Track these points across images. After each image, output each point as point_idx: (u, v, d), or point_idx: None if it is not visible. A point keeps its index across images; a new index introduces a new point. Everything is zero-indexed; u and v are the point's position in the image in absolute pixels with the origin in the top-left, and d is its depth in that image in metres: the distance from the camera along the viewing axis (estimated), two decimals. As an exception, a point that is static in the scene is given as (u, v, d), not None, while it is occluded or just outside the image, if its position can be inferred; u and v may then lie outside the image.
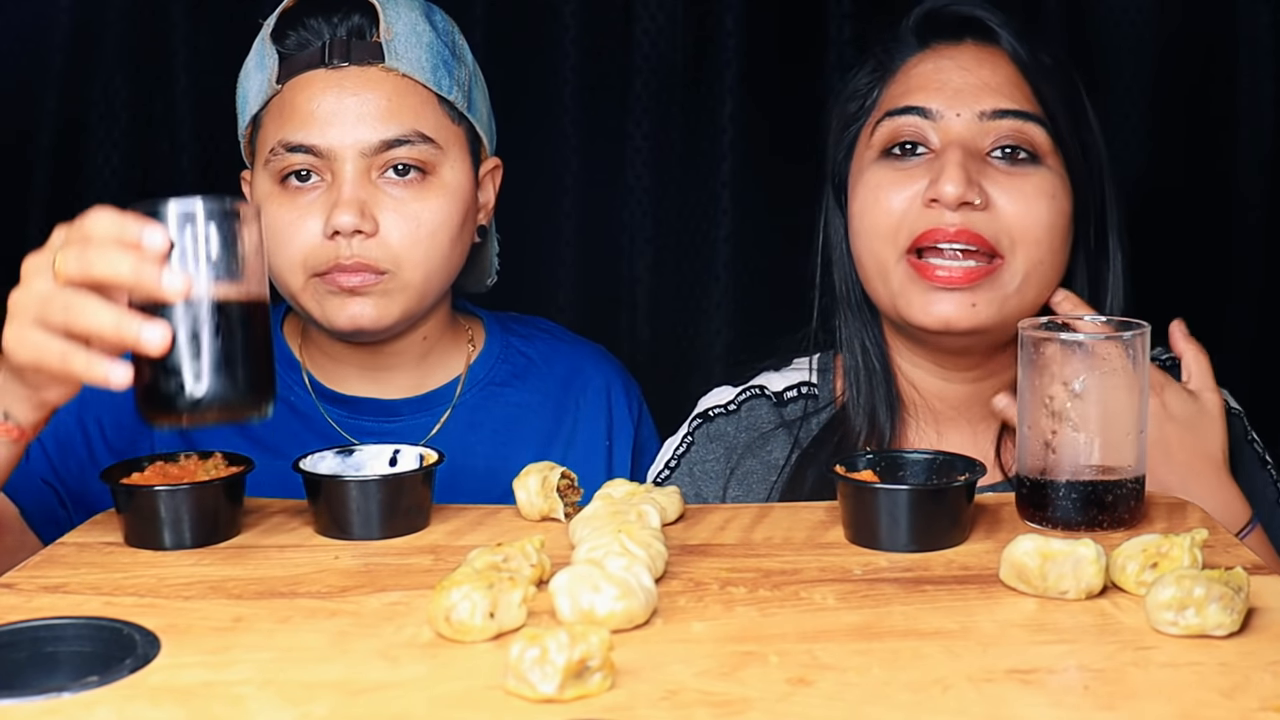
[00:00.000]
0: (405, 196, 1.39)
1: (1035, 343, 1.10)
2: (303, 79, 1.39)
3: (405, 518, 1.13)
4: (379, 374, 1.50)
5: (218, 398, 1.02)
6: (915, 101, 1.31)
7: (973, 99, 1.30)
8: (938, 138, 1.30)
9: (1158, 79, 1.87)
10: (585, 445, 1.52)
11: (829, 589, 0.98)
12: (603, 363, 1.59)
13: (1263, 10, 1.84)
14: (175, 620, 0.94)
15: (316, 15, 1.40)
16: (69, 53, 1.90)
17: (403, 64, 1.39)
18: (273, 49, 1.41)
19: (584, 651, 0.80)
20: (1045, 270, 1.30)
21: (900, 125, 1.32)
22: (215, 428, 1.13)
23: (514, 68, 1.89)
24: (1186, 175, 1.89)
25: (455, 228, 1.42)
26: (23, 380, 1.14)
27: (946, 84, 1.31)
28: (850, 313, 1.39)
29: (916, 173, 1.30)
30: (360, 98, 1.38)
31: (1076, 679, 0.84)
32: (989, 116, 1.29)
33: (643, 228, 1.93)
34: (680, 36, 1.90)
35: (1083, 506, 1.09)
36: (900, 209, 1.29)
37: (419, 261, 1.39)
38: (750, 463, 1.41)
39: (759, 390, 1.45)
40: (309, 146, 1.38)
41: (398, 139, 1.38)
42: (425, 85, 1.40)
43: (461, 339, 1.55)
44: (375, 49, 1.39)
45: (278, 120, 1.40)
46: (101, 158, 1.93)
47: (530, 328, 1.60)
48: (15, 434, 1.16)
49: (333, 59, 1.38)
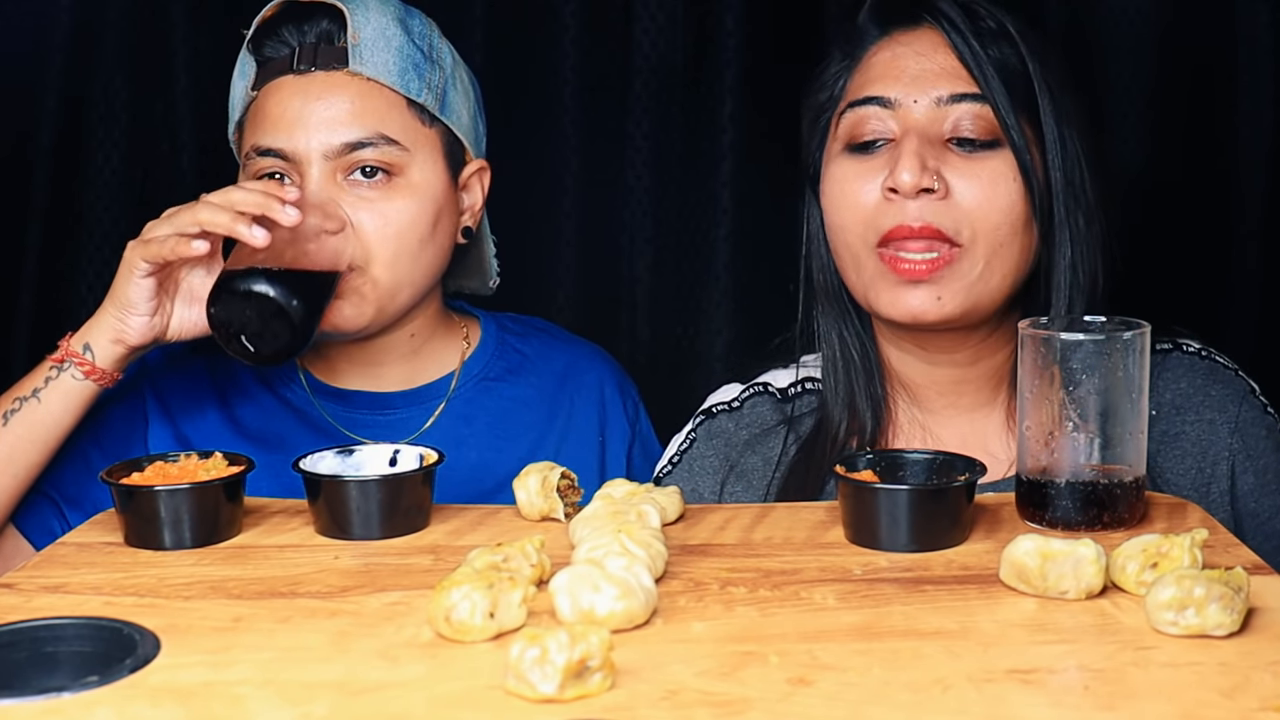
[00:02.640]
0: (373, 196, 1.41)
1: (1035, 342, 1.10)
2: (273, 85, 1.43)
3: (405, 518, 1.13)
4: (371, 368, 1.51)
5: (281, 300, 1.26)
6: (874, 91, 1.31)
7: (929, 85, 1.29)
8: (897, 126, 1.30)
9: (1158, 78, 1.87)
10: (578, 441, 1.52)
11: (829, 589, 0.98)
12: (598, 361, 1.59)
13: (1263, 10, 1.84)
14: (175, 620, 0.94)
15: (290, 23, 1.44)
16: (69, 53, 1.90)
17: (368, 68, 1.41)
18: (250, 57, 1.45)
19: (584, 651, 0.80)
20: (1009, 254, 1.29)
21: (861, 116, 1.31)
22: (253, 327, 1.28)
23: (514, 68, 1.89)
24: (1186, 174, 1.89)
25: (425, 228, 1.43)
26: (117, 303, 1.35)
27: (904, 71, 1.31)
28: (828, 303, 1.39)
29: (878, 164, 1.30)
30: (325, 101, 1.40)
31: (1076, 679, 0.84)
32: (945, 101, 1.29)
33: (643, 228, 1.93)
34: (680, 36, 1.90)
35: (1083, 506, 1.09)
36: (866, 202, 1.29)
37: (388, 260, 1.41)
38: (751, 459, 1.41)
39: (763, 387, 1.45)
40: (276, 150, 1.41)
41: (361, 141, 1.40)
42: (392, 88, 1.42)
43: (456, 335, 1.56)
44: (340, 53, 1.42)
45: (252, 126, 1.44)
46: (101, 158, 1.93)
47: (527, 326, 1.61)
48: (90, 369, 1.36)
49: (300, 65, 1.42)
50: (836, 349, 1.39)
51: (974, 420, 1.38)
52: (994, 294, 1.29)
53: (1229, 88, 1.86)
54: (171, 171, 1.93)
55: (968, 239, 1.27)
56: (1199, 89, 1.88)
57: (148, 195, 1.94)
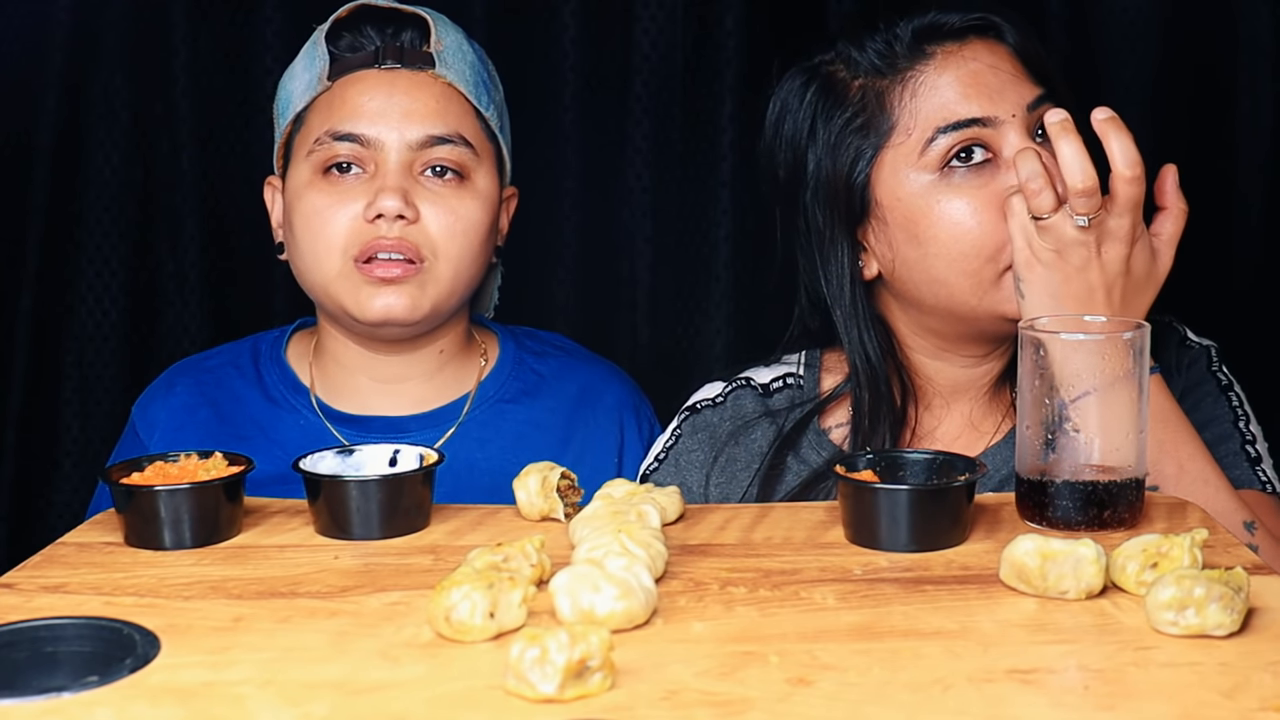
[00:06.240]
0: (444, 193, 1.45)
1: (1035, 342, 1.10)
2: (354, 76, 1.46)
3: (405, 518, 1.13)
4: (390, 386, 1.52)
5: None
6: (969, 114, 1.32)
7: (1013, 95, 1.32)
8: (1000, 141, 1.32)
9: (1158, 79, 1.87)
10: (594, 463, 1.52)
11: (829, 589, 0.98)
12: (615, 382, 1.60)
13: (1263, 10, 1.84)
14: (175, 620, 0.94)
15: (371, 24, 1.48)
16: (69, 53, 1.90)
17: (450, 73, 1.47)
18: (325, 50, 1.48)
19: (584, 651, 0.80)
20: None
21: (959, 137, 1.32)
22: None
23: (514, 68, 1.89)
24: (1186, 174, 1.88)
25: (485, 231, 1.48)
26: None
27: (986, 85, 1.32)
28: (851, 313, 1.40)
29: (987, 178, 1.32)
30: (410, 96, 1.45)
31: (1076, 679, 0.84)
32: (1031, 106, 1.32)
33: (643, 228, 1.93)
34: (680, 36, 1.90)
35: (1083, 506, 1.09)
36: (993, 219, 1.30)
37: (454, 255, 1.45)
38: (734, 450, 1.43)
39: (745, 381, 1.48)
40: (356, 135, 1.44)
41: (442, 137, 1.45)
42: (467, 97, 1.48)
43: (475, 354, 1.57)
44: (427, 56, 1.47)
45: (325, 113, 1.46)
46: (101, 158, 1.93)
47: (545, 345, 1.61)
48: None
49: (386, 60, 1.46)
50: (862, 354, 1.39)
51: (972, 409, 1.42)
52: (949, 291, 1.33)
53: (1229, 88, 1.86)
54: (171, 171, 1.93)
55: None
56: (1199, 90, 1.88)
57: (147, 195, 1.94)
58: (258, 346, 1.59)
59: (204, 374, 1.57)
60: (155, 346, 1.96)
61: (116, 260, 1.94)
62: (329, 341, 1.53)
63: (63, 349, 1.95)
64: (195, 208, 1.92)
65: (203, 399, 1.54)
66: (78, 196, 1.93)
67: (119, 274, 1.94)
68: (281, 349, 1.57)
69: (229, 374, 1.56)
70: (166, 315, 1.96)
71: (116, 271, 1.94)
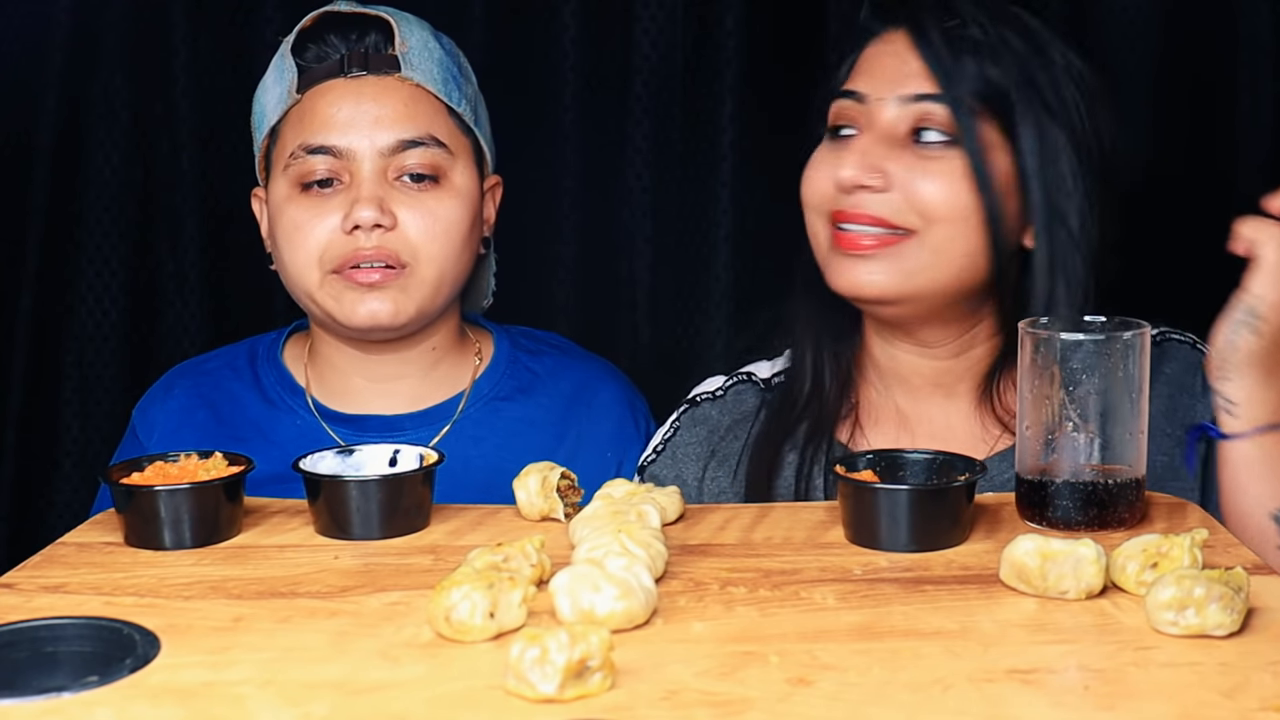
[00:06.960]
0: (421, 196, 1.45)
1: (1035, 342, 1.10)
2: (322, 87, 1.46)
3: (405, 518, 1.13)
4: (385, 385, 1.52)
5: None
6: (851, 86, 1.35)
7: (899, 84, 1.32)
8: (864, 120, 1.33)
9: (1158, 78, 1.87)
10: (588, 461, 1.51)
11: (829, 589, 0.98)
12: (610, 379, 1.59)
13: (1263, 8, 1.83)
14: (175, 620, 0.94)
15: (335, 31, 1.47)
16: (69, 53, 1.90)
17: (417, 74, 1.46)
18: (292, 62, 1.47)
19: (584, 651, 0.80)
20: (955, 247, 1.30)
21: (838, 108, 1.35)
22: None
23: (514, 68, 1.89)
24: (1186, 174, 1.89)
25: (466, 229, 1.48)
26: None
27: (880, 70, 1.34)
28: (809, 284, 1.41)
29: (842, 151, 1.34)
30: (378, 103, 1.44)
31: (1076, 679, 0.84)
32: (909, 100, 1.31)
33: (643, 228, 1.93)
34: (680, 36, 1.90)
35: (1083, 506, 1.09)
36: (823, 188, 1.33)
37: (435, 256, 1.44)
38: (732, 444, 1.43)
39: (746, 376, 1.48)
40: (329, 147, 1.43)
41: (414, 140, 1.44)
42: (437, 96, 1.47)
43: (469, 352, 1.57)
44: (392, 60, 1.46)
45: (297, 127, 1.46)
46: (101, 158, 1.93)
47: (540, 343, 1.61)
48: None
49: (352, 69, 1.45)
50: (811, 325, 1.41)
51: (946, 408, 1.40)
52: (940, 282, 1.30)
53: (1229, 88, 1.86)
54: (171, 171, 1.93)
55: (920, 226, 1.29)
56: (1199, 89, 1.88)
57: (147, 195, 1.94)
58: (255, 349, 1.59)
59: (202, 376, 1.57)
60: (155, 347, 1.96)
61: (116, 260, 1.94)
62: (321, 344, 1.53)
63: (63, 349, 1.95)
64: (195, 208, 1.92)
65: (201, 401, 1.54)
66: (78, 196, 1.92)
67: (119, 274, 1.94)
68: (278, 351, 1.58)
69: (226, 376, 1.57)
70: (166, 315, 1.95)
71: (116, 271, 1.94)
